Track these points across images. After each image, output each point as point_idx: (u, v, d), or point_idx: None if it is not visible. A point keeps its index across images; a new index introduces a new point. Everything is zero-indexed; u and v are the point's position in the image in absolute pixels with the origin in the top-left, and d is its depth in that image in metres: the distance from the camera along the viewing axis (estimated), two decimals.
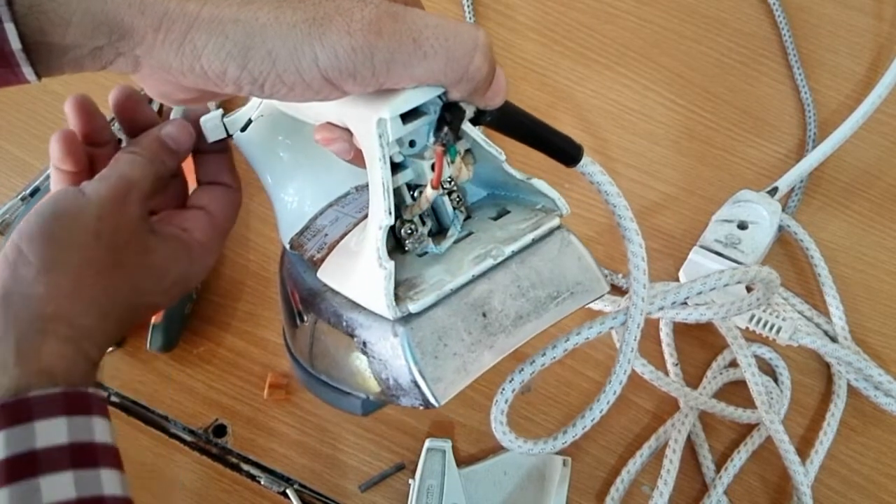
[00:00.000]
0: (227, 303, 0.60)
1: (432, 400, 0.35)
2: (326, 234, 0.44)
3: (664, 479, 0.53)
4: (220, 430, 0.57)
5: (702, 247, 0.59)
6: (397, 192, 0.37)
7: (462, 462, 0.55)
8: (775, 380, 0.57)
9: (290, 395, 0.57)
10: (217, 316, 0.60)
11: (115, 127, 0.49)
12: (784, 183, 0.63)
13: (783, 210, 0.62)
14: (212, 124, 0.45)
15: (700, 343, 0.59)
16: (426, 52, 0.32)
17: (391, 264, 0.35)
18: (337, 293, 0.39)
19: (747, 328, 0.57)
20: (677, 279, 0.60)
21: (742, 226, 0.60)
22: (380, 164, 0.34)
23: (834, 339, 0.59)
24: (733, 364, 0.58)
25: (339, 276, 0.40)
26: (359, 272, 0.37)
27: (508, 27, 0.73)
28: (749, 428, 0.57)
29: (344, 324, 0.38)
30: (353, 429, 0.57)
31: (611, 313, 0.43)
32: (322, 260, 0.42)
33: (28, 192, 0.63)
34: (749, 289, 0.58)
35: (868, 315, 0.61)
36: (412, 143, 0.36)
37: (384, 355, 0.36)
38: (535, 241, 0.38)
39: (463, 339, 0.36)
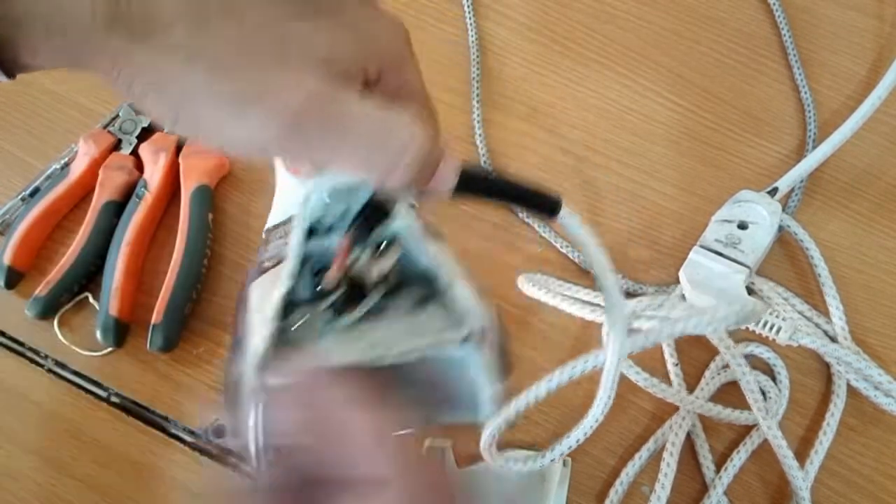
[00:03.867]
0: (228, 303, 0.60)
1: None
2: (287, 243, 0.39)
3: (661, 483, 0.53)
4: (221, 431, 0.57)
5: (702, 247, 0.59)
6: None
7: (462, 462, 0.55)
8: (773, 380, 0.57)
9: None
10: (217, 316, 0.60)
11: (117, 127, 0.49)
12: (784, 183, 0.63)
13: (783, 210, 0.62)
14: None
15: (700, 343, 0.59)
16: (352, 145, 0.31)
17: (273, 327, 0.33)
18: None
19: (747, 328, 0.57)
20: (677, 280, 0.60)
21: (742, 226, 0.60)
22: (299, 228, 0.34)
23: (834, 339, 0.59)
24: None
25: (254, 303, 0.37)
26: (255, 319, 0.35)
27: (508, 27, 0.73)
28: (749, 427, 0.57)
29: (233, 359, 0.36)
30: None
31: (593, 353, 0.45)
32: (265, 271, 0.39)
33: (28, 192, 0.63)
34: (750, 290, 0.58)
35: (868, 315, 0.61)
36: (344, 214, 0.35)
37: (245, 419, 0.33)
38: (425, 358, 0.34)
39: None
